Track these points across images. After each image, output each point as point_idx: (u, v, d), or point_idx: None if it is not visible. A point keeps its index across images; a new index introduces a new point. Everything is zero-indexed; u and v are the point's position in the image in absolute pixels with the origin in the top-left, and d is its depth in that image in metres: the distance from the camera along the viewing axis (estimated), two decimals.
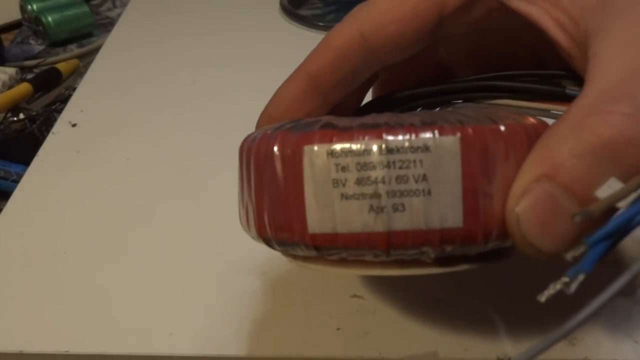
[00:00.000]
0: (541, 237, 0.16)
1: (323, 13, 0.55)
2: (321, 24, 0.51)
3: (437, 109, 0.23)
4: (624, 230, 0.14)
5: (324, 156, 0.16)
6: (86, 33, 0.59)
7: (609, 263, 0.27)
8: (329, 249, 0.17)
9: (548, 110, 0.20)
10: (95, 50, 0.50)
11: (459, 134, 0.16)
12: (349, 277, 0.28)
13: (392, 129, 0.16)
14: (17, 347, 0.25)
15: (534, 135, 0.17)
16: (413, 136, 0.16)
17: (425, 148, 0.16)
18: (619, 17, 0.18)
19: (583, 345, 0.25)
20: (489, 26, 0.22)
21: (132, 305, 0.26)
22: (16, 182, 0.35)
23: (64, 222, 0.31)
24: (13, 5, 0.59)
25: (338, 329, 0.25)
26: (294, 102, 0.22)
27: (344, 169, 0.16)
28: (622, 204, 0.14)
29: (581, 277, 0.14)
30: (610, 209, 0.14)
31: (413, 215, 0.16)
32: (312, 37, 0.51)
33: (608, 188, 0.15)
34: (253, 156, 0.18)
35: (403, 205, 0.16)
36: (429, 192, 0.16)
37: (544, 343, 0.14)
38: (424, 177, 0.16)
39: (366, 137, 0.16)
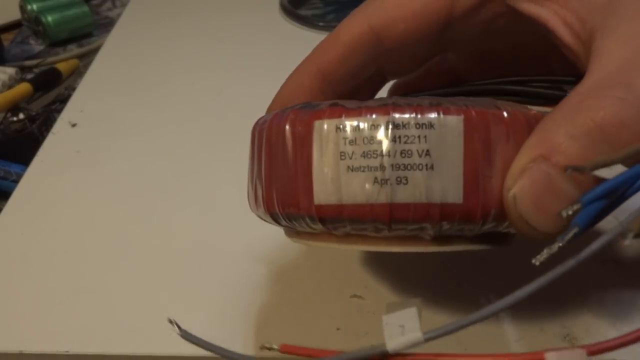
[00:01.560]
0: (537, 215, 0.16)
1: (323, 13, 0.55)
2: (321, 24, 0.51)
3: None
4: (619, 197, 0.15)
5: (333, 130, 0.17)
6: (86, 33, 0.58)
7: (608, 261, 0.27)
8: (333, 221, 0.18)
9: None
10: (95, 50, 0.50)
11: (462, 115, 0.17)
12: (349, 277, 0.28)
13: (399, 107, 0.17)
14: (17, 347, 0.25)
15: (534, 123, 0.17)
16: (419, 114, 0.17)
17: (430, 125, 0.16)
18: (624, 13, 0.18)
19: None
20: (498, 31, 0.22)
21: (132, 305, 0.26)
22: (16, 182, 0.35)
23: (64, 222, 0.31)
24: (13, 5, 0.59)
25: (338, 329, 0.25)
26: (302, 94, 0.22)
27: (352, 142, 0.17)
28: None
29: (575, 230, 0.14)
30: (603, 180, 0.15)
31: (415, 189, 0.16)
32: (312, 37, 0.51)
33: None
34: (265, 134, 0.19)
35: (406, 178, 0.17)
36: (432, 167, 0.16)
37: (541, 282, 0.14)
38: (427, 153, 0.16)
39: (374, 114, 0.17)
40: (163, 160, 0.35)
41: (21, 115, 0.46)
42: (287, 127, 0.18)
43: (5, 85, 0.48)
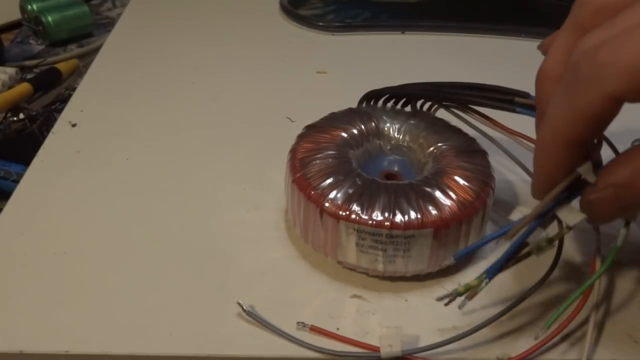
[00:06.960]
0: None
1: (323, 13, 0.55)
2: (321, 24, 0.51)
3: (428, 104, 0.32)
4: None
5: (353, 230, 0.26)
6: (86, 33, 0.59)
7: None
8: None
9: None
10: (95, 50, 0.50)
11: (432, 229, 0.25)
12: (349, 277, 0.28)
13: (395, 224, 0.25)
14: (17, 347, 0.25)
15: (473, 210, 0.26)
16: (406, 230, 0.25)
17: (412, 235, 0.25)
18: None
19: (583, 345, 0.25)
20: None
21: (132, 305, 0.26)
22: (16, 182, 0.35)
23: (64, 222, 0.31)
24: (13, 5, 0.59)
25: (338, 329, 0.25)
26: (562, 168, 0.22)
27: (364, 238, 0.26)
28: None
29: (486, 281, 0.23)
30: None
31: (398, 266, 0.26)
32: (312, 37, 0.51)
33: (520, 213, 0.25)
34: (303, 196, 0.27)
35: (394, 260, 0.26)
36: (409, 256, 0.26)
37: None
38: (408, 248, 0.26)
39: (379, 227, 0.25)
40: (163, 160, 0.36)
41: (21, 115, 0.46)
42: (321, 213, 0.26)
43: (5, 85, 0.48)
